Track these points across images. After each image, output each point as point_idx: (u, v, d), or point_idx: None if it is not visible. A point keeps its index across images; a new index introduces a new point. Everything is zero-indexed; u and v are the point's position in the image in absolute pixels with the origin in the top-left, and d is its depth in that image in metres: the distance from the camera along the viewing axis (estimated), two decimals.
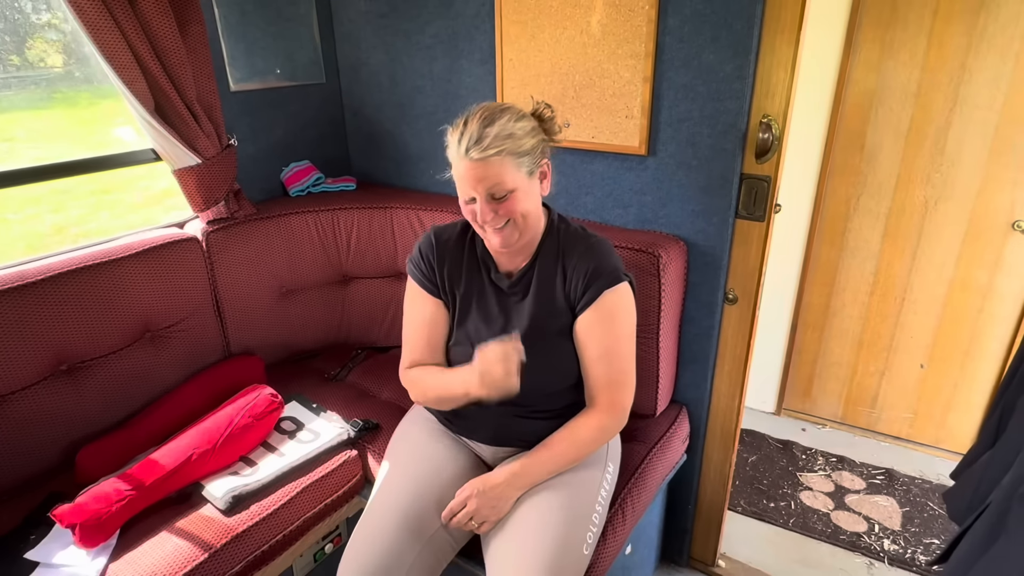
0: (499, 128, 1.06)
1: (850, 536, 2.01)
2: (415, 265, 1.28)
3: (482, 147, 1.05)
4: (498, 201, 1.09)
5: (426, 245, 1.27)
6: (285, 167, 2.00)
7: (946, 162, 2.07)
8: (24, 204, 3.87)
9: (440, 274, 1.25)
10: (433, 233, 1.28)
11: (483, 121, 1.07)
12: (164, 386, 1.62)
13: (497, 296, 1.24)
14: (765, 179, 1.42)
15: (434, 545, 1.17)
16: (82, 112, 2.19)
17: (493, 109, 1.10)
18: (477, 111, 1.10)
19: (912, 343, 2.32)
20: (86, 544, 1.20)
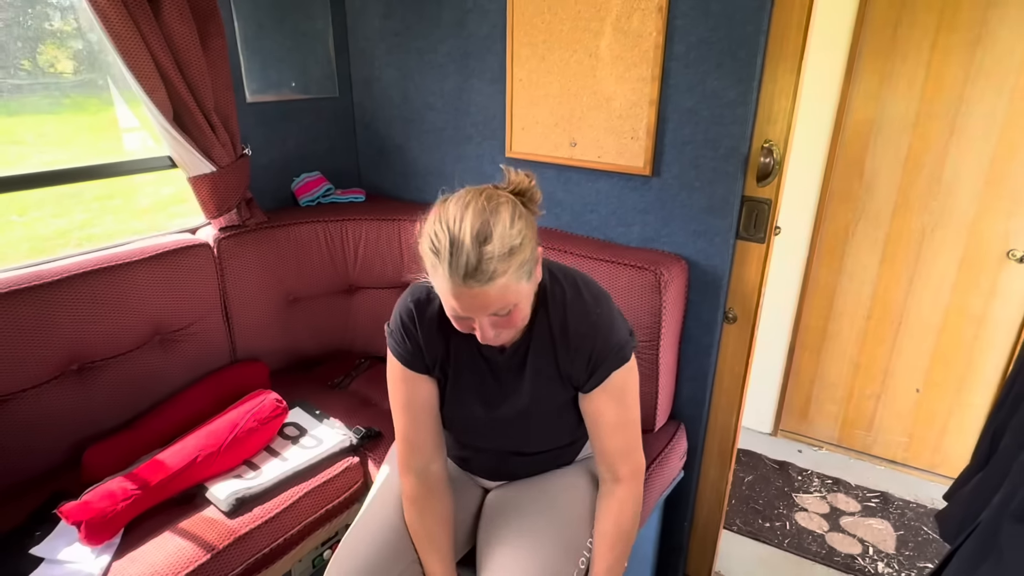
0: (499, 244, 0.88)
1: (844, 558, 2.02)
2: (397, 342, 1.11)
3: (485, 276, 0.87)
4: (501, 317, 0.95)
5: (407, 318, 1.10)
6: (296, 177, 2.04)
7: (943, 191, 2.11)
8: (28, 207, 3.90)
9: (425, 347, 1.10)
10: (412, 302, 1.10)
11: (477, 239, 0.87)
12: (171, 388, 1.64)
13: (491, 371, 1.12)
14: (766, 202, 1.46)
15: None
16: (90, 118, 2.23)
17: (481, 215, 0.89)
18: (462, 221, 0.88)
19: (908, 368, 2.35)
20: (91, 541, 1.22)
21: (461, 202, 0.91)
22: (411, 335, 1.10)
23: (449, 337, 1.10)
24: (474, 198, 0.92)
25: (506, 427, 1.17)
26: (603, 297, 1.11)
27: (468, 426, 1.20)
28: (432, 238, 0.91)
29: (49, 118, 2.17)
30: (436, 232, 0.90)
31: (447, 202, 0.94)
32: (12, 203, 3.61)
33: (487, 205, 0.91)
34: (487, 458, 1.26)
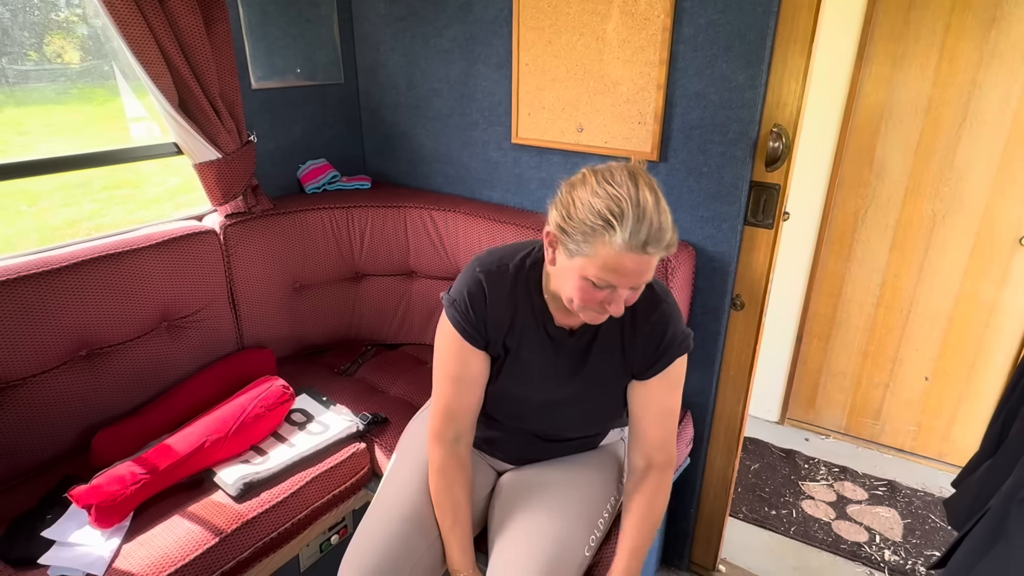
0: (670, 215, 0.92)
1: (851, 546, 2.02)
2: (459, 311, 1.09)
3: (662, 243, 0.90)
4: (635, 290, 0.97)
5: (475, 289, 1.09)
6: (302, 164, 2.04)
7: (955, 176, 2.09)
8: (37, 198, 3.92)
9: (491, 320, 1.10)
10: (484, 275, 1.09)
11: (658, 207, 0.90)
12: (179, 375, 1.65)
13: (555, 351, 1.12)
14: (774, 187, 1.44)
15: (440, 542, 1.17)
16: (97, 108, 2.24)
17: (652, 187, 0.91)
18: (638, 190, 0.89)
19: (917, 356, 2.33)
20: (101, 524, 1.23)
21: (622, 174, 0.92)
22: (477, 307, 1.09)
23: (516, 313, 1.10)
24: (633, 172, 0.93)
25: (552, 409, 1.18)
26: (668, 289, 1.14)
27: (514, 405, 1.20)
28: (609, 203, 0.89)
29: (56, 108, 2.17)
30: (615, 197, 0.89)
31: (597, 174, 0.94)
32: (22, 194, 3.64)
33: (648, 178, 0.93)
34: (515, 441, 1.26)
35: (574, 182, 0.96)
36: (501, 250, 1.15)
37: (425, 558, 1.15)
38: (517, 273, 1.10)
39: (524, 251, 1.13)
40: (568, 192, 0.96)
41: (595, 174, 0.94)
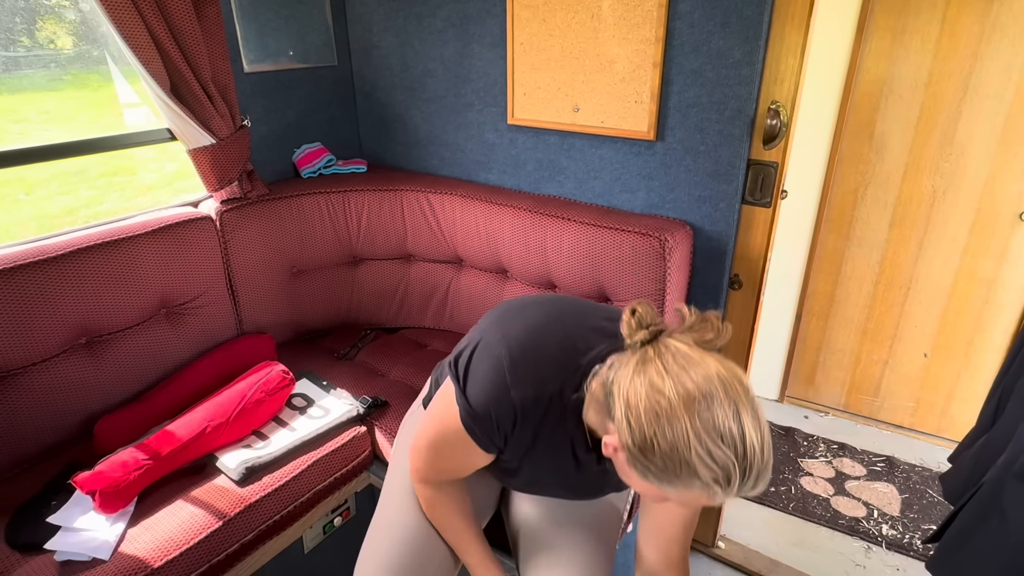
0: (769, 446, 0.76)
1: (849, 521, 2.04)
2: (480, 429, 0.95)
3: (766, 476, 0.75)
4: None
5: (505, 415, 0.92)
6: (297, 149, 2.02)
7: (955, 151, 2.07)
8: (35, 186, 3.91)
9: (513, 443, 0.97)
10: (519, 404, 0.91)
11: (762, 458, 0.73)
12: (179, 361, 1.66)
13: (577, 467, 1.00)
14: (772, 165, 1.43)
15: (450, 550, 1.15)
16: (92, 94, 2.22)
17: (758, 416, 0.74)
18: (743, 432, 0.72)
19: (916, 332, 2.33)
20: (105, 510, 1.25)
21: (718, 389, 0.73)
22: (503, 430, 0.94)
23: (543, 435, 0.96)
24: (726, 379, 0.74)
25: (570, 494, 1.12)
26: None
27: (522, 487, 1.14)
28: (710, 464, 0.71)
29: (51, 95, 2.15)
30: (716, 454, 0.71)
31: (692, 412, 0.72)
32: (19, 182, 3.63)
33: (744, 387, 0.75)
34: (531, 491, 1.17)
35: (658, 410, 0.73)
36: (536, 360, 0.91)
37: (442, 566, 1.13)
38: (553, 403, 0.92)
39: (568, 378, 0.90)
40: (647, 420, 0.74)
41: (689, 412, 0.72)
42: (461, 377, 0.96)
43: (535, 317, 0.96)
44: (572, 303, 1.02)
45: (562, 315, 0.97)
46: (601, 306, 1.04)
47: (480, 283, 1.87)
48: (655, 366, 0.75)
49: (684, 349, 0.76)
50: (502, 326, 0.96)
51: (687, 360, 0.75)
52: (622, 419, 0.76)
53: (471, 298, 1.89)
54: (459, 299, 1.93)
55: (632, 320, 0.81)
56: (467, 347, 0.98)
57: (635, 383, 0.75)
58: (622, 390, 0.77)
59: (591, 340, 0.91)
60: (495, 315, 1.02)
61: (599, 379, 0.84)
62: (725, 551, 1.90)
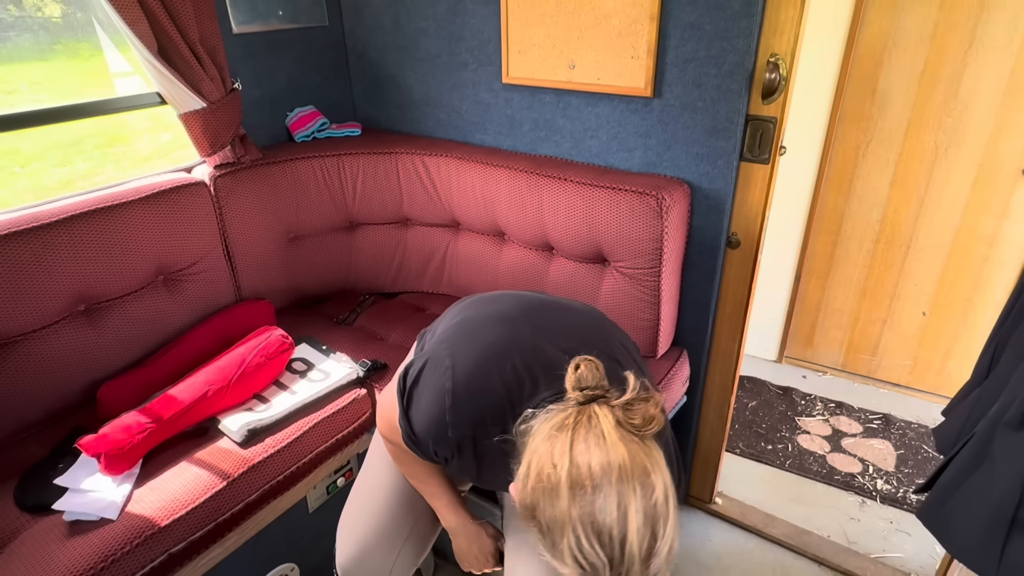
0: (665, 552, 0.69)
1: (844, 476, 2.07)
2: (423, 454, 0.97)
3: None
4: None
5: (445, 449, 0.93)
6: (290, 112, 2.00)
7: (959, 106, 2.03)
8: (30, 158, 3.87)
9: (454, 463, 0.98)
10: (457, 446, 0.92)
11: (645, 559, 0.68)
12: (178, 328, 1.66)
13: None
14: (771, 120, 1.41)
15: (428, 509, 1.19)
16: (83, 64, 2.18)
17: (648, 515, 0.68)
18: (626, 531, 0.66)
19: (915, 291, 2.33)
20: (111, 472, 1.27)
21: (609, 482, 0.67)
22: (442, 457, 0.96)
23: (482, 461, 0.95)
24: (626, 473, 0.68)
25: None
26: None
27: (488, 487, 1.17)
28: (577, 555, 0.67)
29: (41, 65, 2.12)
30: (585, 548, 0.67)
31: (576, 495, 0.68)
32: (13, 154, 3.59)
33: (645, 487, 0.68)
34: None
35: (547, 484, 0.70)
36: (477, 402, 0.89)
37: (418, 526, 1.19)
38: (492, 440, 0.90)
39: (508, 421, 0.86)
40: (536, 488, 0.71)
41: (571, 497, 0.67)
42: (405, 397, 0.95)
43: (488, 343, 0.92)
44: (535, 321, 0.96)
45: (518, 343, 0.91)
46: (568, 321, 0.99)
47: (477, 246, 1.86)
48: (566, 437, 0.71)
49: (604, 428, 0.70)
50: (453, 346, 0.93)
51: (597, 441, 0.69)
52: (521, 475, 0.75)
53: (468, 262, 1.89)
54: (456, 263, 1.92)
55: (573, 377, 0.77)
56: (418, 359, 0.96)
57: (542, 447, 0.73)
58: (531, 448, 0.75)
59: (539, 382, 0.87)
60: (457, 322, 1.00)
61: (526, 424, 0.80)
62: (722, 507, 1.94)
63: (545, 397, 0.85)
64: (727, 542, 1.85)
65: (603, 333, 0.99)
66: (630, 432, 0.71)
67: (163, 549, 1.20)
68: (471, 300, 1.08)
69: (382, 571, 1.20)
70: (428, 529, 1.23)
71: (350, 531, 1.20)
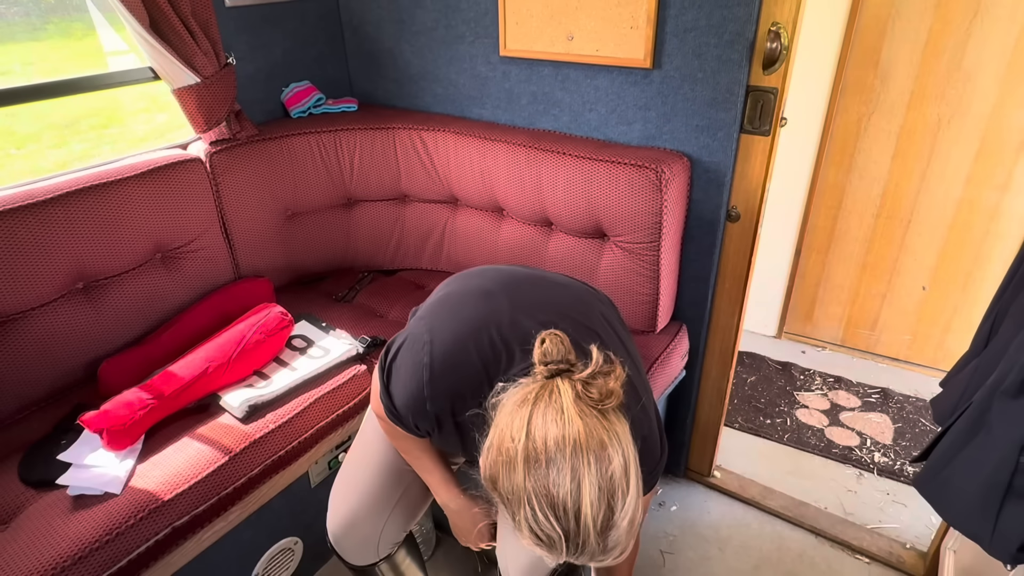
0: (624, 523, 0.70)
1: (842, 450, 2.09)
2: (406, 427, 0.99)
3: (606, 557, 0.72)
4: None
5: (424, 422, 0.94)
6: (285, 88, 1.97)
7: (962, 77, 2.01)
8: (25, 140, 3.84)
9: (436, 436, 1.00)
10: (436, 418, 0.93)
11: (601, 531, 0.69)
12: (177, 306, 1.66)
13: None
14: (772, 91, 1.39)
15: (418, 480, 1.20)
16: (76, 44, 2.16)
17: (603, 489, 0.68)
18: (579, 504, 0.68)
19: (915, 266, 2.33)
20: (114, 447, 1.28)
21: (563, 455, 0.68)
22: (424, 430, 0.97)
23: (464, 431, 0.95)
24: (580, 446, 0.68)
25: None
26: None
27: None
28: (534, 527, 0.69)
29: (34, 45, 2.09)
30: (540, 521, 0.68)
31: (530, 461, 0.69)
32: (8, 136, 3.56)
33: (601, 460, 0.68)
34: None
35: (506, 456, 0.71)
36: (454, 376, 0.90)
37: (407, 496, 1.22)
38: (470, 411, 0.89)
39: (485, 393, 0.85)
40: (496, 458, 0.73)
41: (526, 469, 0.69)
42: (385, 373, 0.96)
43: (466, 318, 0.93)
44: (515, 296, 0.96)
45: (496, 317, 0.91)
46: (551, 296, 0.98)
47: (476, 222, 1.85)
48: (525, 411, 0.72)
49: (564, 402, 0.71)
50: (432, 321, 0.94)
51: (555, 416, 0.70)
52: (485, 447, 0.76)
53: (467, 238, 1.88)
54: (455, 239, 1.92)
55: (539, 351, 0.77)
56: (399, 335, 0.97)
57: (505, 419, 0.74)
58: (497, 420, 0.76)
59: (515, 355, 0.88)
60: (438, 297, 1.00)
61: (496, 397, 0.81)
62: (720, 480, 1.96)
63: (519, 370, 0.85)
64: (725, 514, 1.87)
65: (583, 305, 0.98)
66: (590, 406, 0.71)
67: (167, 523, 1.21)
68: (455, 276, 1.08)
69: (370, 538, 1.23)
70: (417, 498, 1.25)
71: (341, 500, 1.22)
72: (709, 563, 1.72)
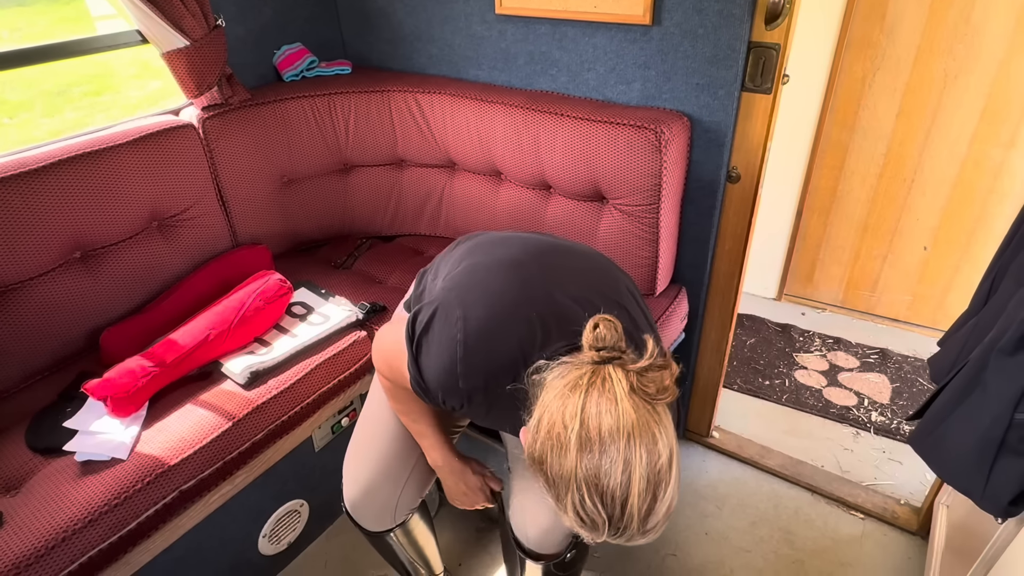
0: (663, 512, 0.72)
1: (840, 409, 2.11)
2: (431, 400, 0.96)
3: (648, 537, 0.74)
4: None
5: (453, 399, 0.92)
6: (276, 50, 1.93)
7: (970, 31, 1.96)
8: (17, 109, 3.80)
9: (462, 412, 0.99)
10: (467, 394, 0.91)
11: (644, 519, 0.71)
12: (176, 274, 1.66)
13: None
14: (774, 47, 1.36)
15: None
16: (63, 9, 2.11)
17: (651, 480, 0.70)
18: (627, 493, 0.69)
19: (917, 226, 2.31)
20: (118, 414, 1.29)
21: (616, 447, 0.69)
22: (450, 406, 0.95)
23: (491, 408, 0.96)
24: (634, 439, 0.69)
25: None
26: None
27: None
28: (579, 511, 0.71)
29: (21, 11, 2.05)
30: (587, 505, 0.70)
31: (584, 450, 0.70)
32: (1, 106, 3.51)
33: (651, 453, 0.69)
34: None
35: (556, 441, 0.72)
36: (490, 354, 0.88)
37: (421, 461, 1.23)
38: (502, 389, 0.89)
39: (519, 372, 0.86)
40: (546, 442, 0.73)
41: (580, 455, 0.70)
42: (415, 344, 0.92)
43: (500, 292, 0.91)
44: (546, 267, 0.95)
45: (530, 292, 0.90)
46: (577, 266, 0.97)
47: (474, 187, 1.83)
48: (578, 397, 0.72)
49: (618, 392, 0.71)
50: (464, 294, 0.91)
51: (609, 406, 0.70)
52: (531, 427, 0.76)
53: (465, 202, 1.87)
54: (453, 204, 1.90)
55: (591, 336, 0.76)
56: (426, 306, 0.93)
57: (554, 404, 0.73)
58: (544, 401, 0.76)
59: (551, 333, 0.86)
60: (465, 267, 0.97)
61: (539, 375, 0.81)
62: (719, 440, 1.99)
63: (558, 348, 0.84)
64: (723, 473, 1.91)
65: (610, 279, 0.98)
66: (642, 399, 0.71)
67: (174, 486, 1.24)
68: (476, 242, 1.05)
69: (388, 505, 1.24)
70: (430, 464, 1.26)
71: (356, 468, 1.23)
72: (707, 520, 1.76)
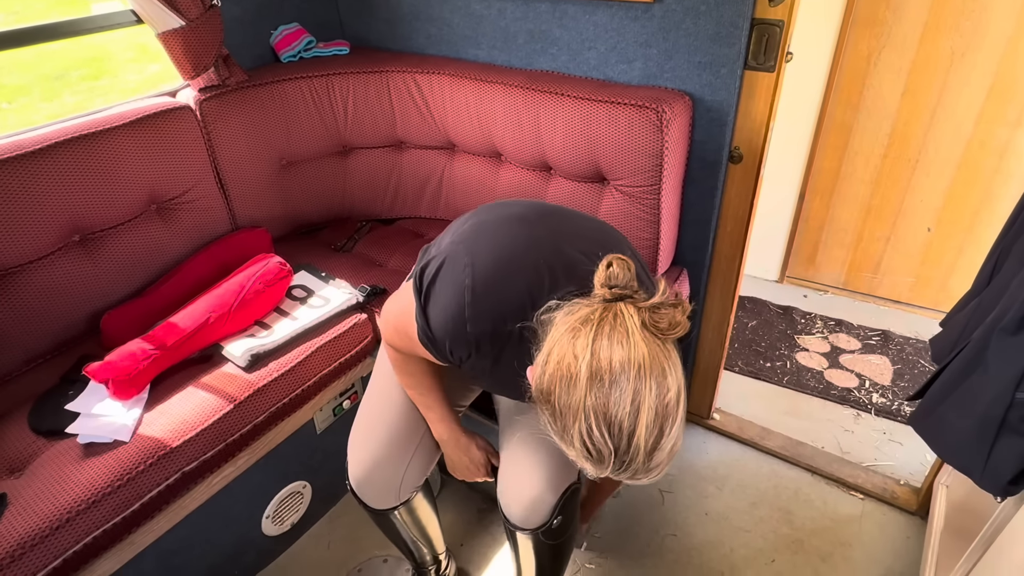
0: (669, 449, 0.73)
1: (840, 391, 2.11)
2: (439, 352, 0.97)
3: (651, 475, 0.75)
4: None
5: (460, 349, 0.94)
6: (274, 31, 1.90)
7: (978, 7, 1.92)
8: (16, 93, 3.77)
9: (473, 363, 0.99)
10: (476, 340, 0.92)
11: (649, 452, 0.72)
12: (176, 257, 1.66)
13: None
14: (778, 24, 1.34)
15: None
16: None
17: (658, 415, 0.71)
18: (635, 425, 0.70)
19: (921, 207, 2.29)
20: (120, 396, 1.30)
21: (627, 377, 0.70)
22: (457, 357, 0.96)
23: (498, 359, 0.96)
24: (645, 371, 0.70)
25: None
26: None
27: (496, 391, 1.21)
28: (586, 441, 0.72)
29: None
30: (595, 436, 0.71)
31: (594, 382, 0.71)
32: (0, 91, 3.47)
33: (661, 386, 0.70)
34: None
35: (566, 373, 0.73)
36: (497, 298, 0.89)
37: (426, 439, 1.24)
38: (511, 335, 0.91)
39: (527, 316, 0.87)
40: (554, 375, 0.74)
41: (589, 387, 0.71)
42: (423, 294, 0.94)
43: (507, 242, 0.92)
44: (552, 225, 0.97)
45: (537, 242, 0.92)
46: (582, 227, 0.99)
47: (474, 169, 1.82)
48: (589, 330, 0.73)
49: (630, 326, 0.72)
50: (472, 245, 0.93)
51: (621, 339, 0.71)
52: (539, 361, 0.78)
53: (465, 185, 1.85)
54: (453, 186, 1.89)
55: (604, 274, 0.78)
56: (435, 258, 0.95)
57: (565, 337, 0.75)
58: (554, 336, 0.77)
59: (559, 280, 0.88)
60: (471, 225, 0.99)
61: (548, 314, 0.82)
62: (720, 422, 1.99)
63: (569, 291, 0.86)
64: (724, 454, 1.91)
65: (614, 242, 1.00)
66: (653, 334, 0.73)
67: (176, 468, 1.25)
68: (481, 208, 1.06)
69: (392, 482, 1.25)
70: (435, 441, 1.27)
71: (361, 445, 1.24)
72: (707, 501, 1.77)
